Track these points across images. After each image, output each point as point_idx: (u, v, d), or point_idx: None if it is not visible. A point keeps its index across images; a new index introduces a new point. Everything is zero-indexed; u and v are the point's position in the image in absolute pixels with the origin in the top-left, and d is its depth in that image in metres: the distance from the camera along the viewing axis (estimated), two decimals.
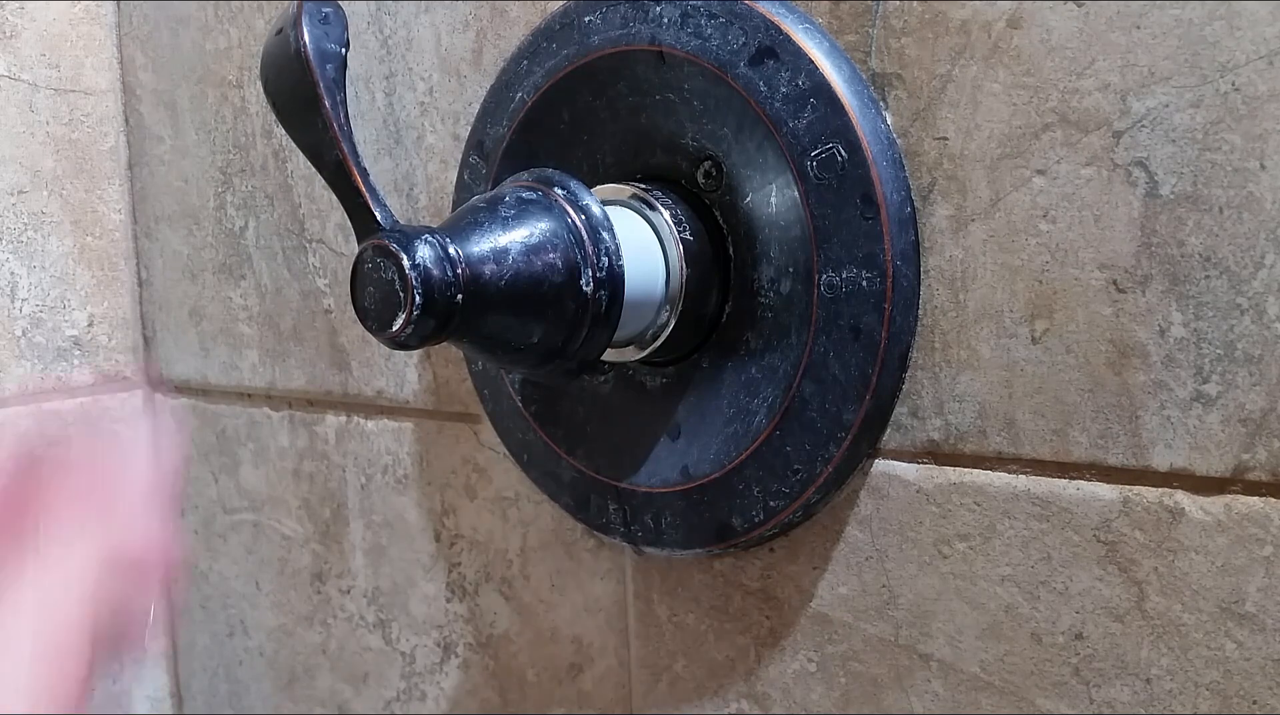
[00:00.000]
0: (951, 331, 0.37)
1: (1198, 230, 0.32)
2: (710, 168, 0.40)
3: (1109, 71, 0.33)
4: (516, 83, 0.44)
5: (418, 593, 0.54)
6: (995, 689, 0.37)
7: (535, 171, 0.38)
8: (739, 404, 0.40)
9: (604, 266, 0.36)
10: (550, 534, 0.49)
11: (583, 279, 0.36)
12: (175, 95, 0.61)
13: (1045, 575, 0.36)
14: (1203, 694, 0.33)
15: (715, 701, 0.44)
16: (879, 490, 0.39)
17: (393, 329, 0.31)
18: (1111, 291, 0.33)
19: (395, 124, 0.51)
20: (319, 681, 0.60)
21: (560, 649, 0.49)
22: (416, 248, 0.30)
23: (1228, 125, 0.31)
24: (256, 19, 0.56)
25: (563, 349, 0.37)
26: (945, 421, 0.37)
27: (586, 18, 0.42)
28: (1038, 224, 0.34)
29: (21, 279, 0.61)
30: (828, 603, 0.41)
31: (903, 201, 0.36)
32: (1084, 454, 0.34)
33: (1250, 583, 0.32)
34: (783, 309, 0.39)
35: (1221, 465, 0.32)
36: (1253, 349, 0.31)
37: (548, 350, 0.36)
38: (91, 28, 0.63)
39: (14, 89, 0.60)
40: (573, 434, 0.45)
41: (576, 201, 0.36)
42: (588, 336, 0.36)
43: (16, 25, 0.60)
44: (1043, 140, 0.34)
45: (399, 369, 0.53)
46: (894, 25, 0.36)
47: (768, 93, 0.37)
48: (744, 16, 0.38)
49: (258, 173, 0.58)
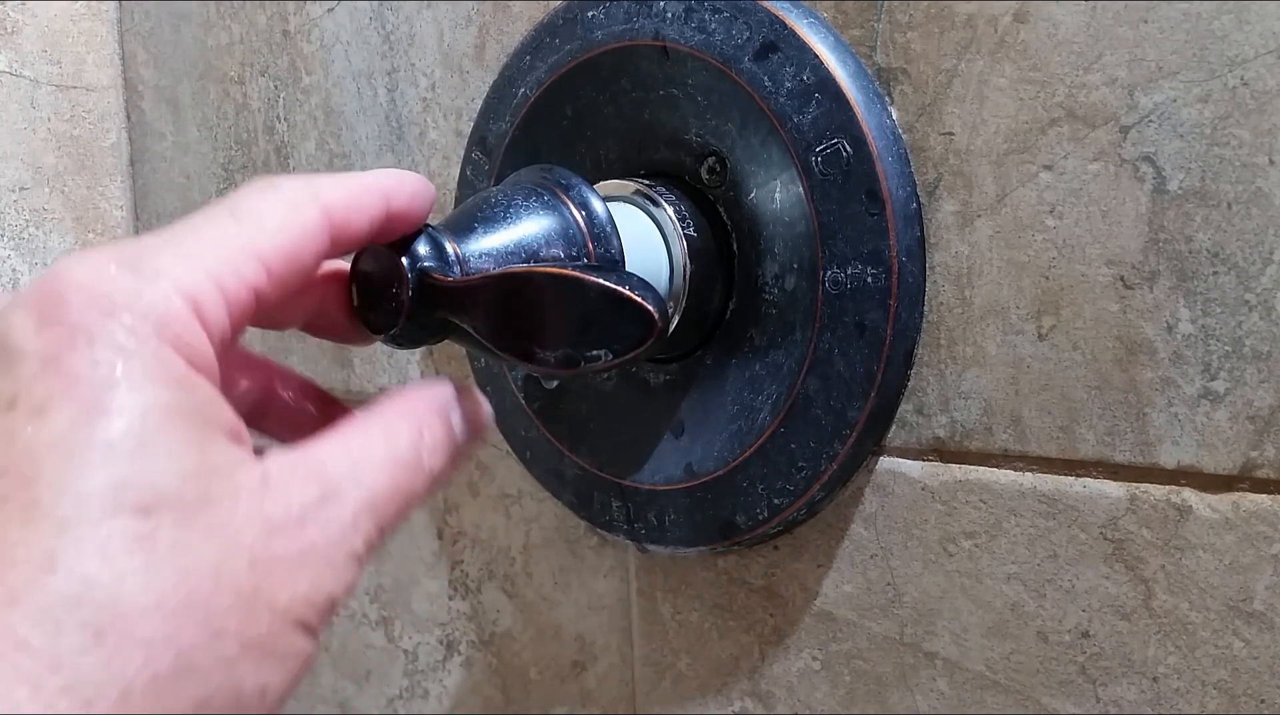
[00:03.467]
0: (957, 328, 0.36)
1: (1206, 226, 0.32)
2: (714, 163, 0.40)
3: (1116, 66, 0.32)
4: (519, 78, 0.44)
5: (420, 590, 0.54)
6: (1001, 687, 0.37)
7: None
8: (743, 401, 0.40)
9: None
10: (553, 531, 0.49)
11: None
12: (177, 91, 0.61)
13: (1051, 573, 0.36)
14: (1210, 692, 0.33)
15: (719, 700, 0.44)
16: (884, 487, 0.39)
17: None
18: (1119, 288, 0.33)
19: (397, 120, 0.51)
20: (321, 679, 0.60)
21: (563, 647, 0.49)
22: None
23: (1236, 120, 0.31)
24: (258, 15, 0.56)
25: None
26: (951, 418, 0.37)
27: (590, 13, 0.41)
28: (1044, 220, 0.34)
29: (23, 276, 0.61)
30: (832, 601, 0.40)
31: (908, 197, 0.36)
32: (1091, 451, 0.34)
33: (1258, 581, 0.32)
34: (787, 305, 0.39)
35: (1229, 462, 0.32)
36: (1261, 346, 0.31)
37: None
38: (93, 24, 0.63)
39: (15, 85, 0.60)
40: (576, 431, 0.44)
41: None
42: None
43: (18, 21, 0.60)
44: (1049, 135, 0.34)
45: (401, 366, 0.53)
46: (899, 20, 0.36)
47: (772, 88, 0.37)
48: (748, 11, 0.37)
49: (260, 169, 0.58)
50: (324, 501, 0.23)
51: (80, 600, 0.19)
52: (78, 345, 0.21)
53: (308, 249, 0.25)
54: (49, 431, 0.20)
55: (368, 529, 0.23)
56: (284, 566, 0.22)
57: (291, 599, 0.22)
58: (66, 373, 0.20)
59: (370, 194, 0.26)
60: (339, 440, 0.24)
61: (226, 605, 0.21)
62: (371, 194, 0.27)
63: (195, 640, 0.20)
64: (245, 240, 0.23)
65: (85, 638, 0.19)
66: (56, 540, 0.19)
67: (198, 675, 0.20)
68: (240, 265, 0.23)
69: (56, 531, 0.19)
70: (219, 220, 0.24)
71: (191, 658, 0.20)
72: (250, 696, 0.21)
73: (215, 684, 0.21)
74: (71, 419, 0.20)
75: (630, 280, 0.30)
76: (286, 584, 0.22)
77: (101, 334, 0.21)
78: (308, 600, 0.22)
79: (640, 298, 0.30)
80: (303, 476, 0.23)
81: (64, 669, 0.19)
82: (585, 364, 0.30)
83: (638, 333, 0.30)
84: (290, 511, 0.22)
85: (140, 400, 0.21)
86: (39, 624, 0.19)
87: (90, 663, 0.19)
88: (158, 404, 0.21)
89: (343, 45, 0.53)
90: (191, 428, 0.21)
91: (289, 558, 0.22)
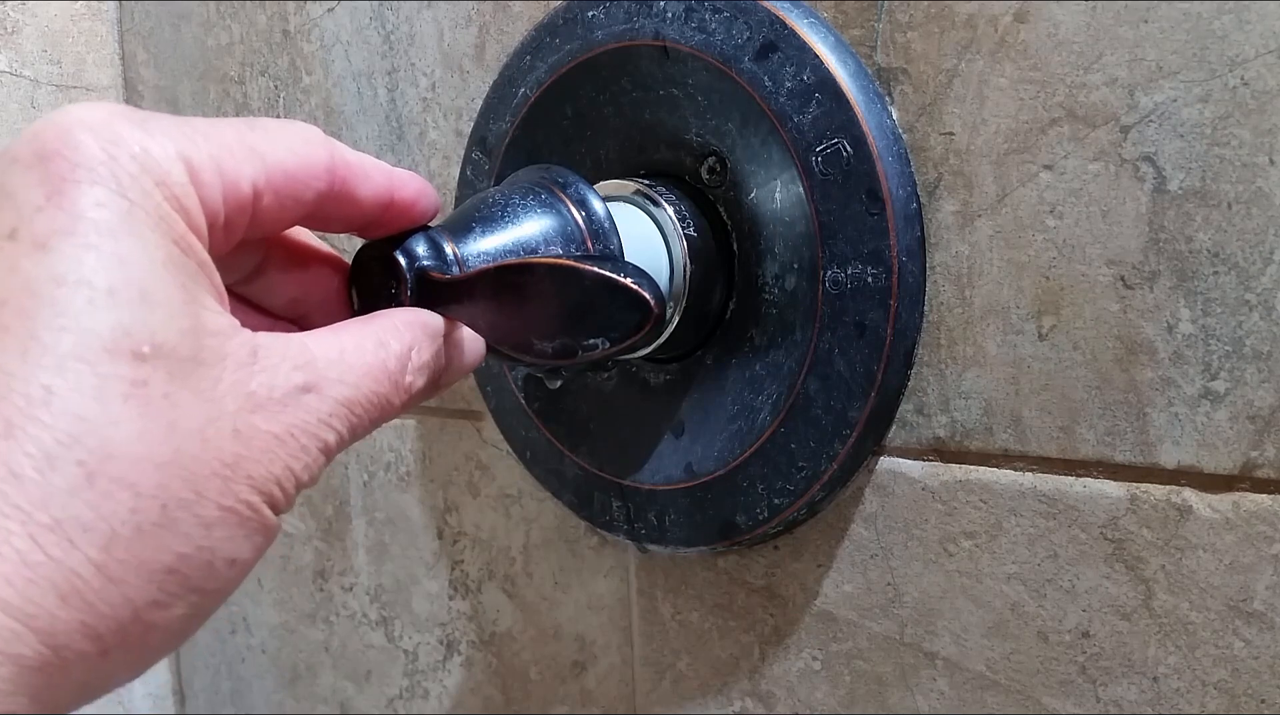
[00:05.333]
0: (957, 328, 0.36)
1: (1206, 226, 0.32)
2: (714, 163, 0.40)
3: (1116, 66, 0.32)
4: (519, 78, 0.44)
5: (420, 590, 0.54)
6: (1001, 687, 0.37)
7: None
8: (743, 401, 0.40)
9: None
10: (553, 531, 0.49)
11: None
12: (177, 91, 0.61)
13: (1052, 573, 0.35)
14: (1210, 693, 0.33)
15: (719, 700, 0.44)
16: (884, 488, 0.39)
17: None
18: (1119, 287, 0.33)
19: (398, 120, 0.51)
20: (321, 679, 0.60)
21: (563, 647, 0.49)
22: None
23: (1237, 120, 0.31)
24: (258, 15, 0.56)
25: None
26: (951, 418, 0.37)
27: (590, 13, 0.41)
28: (1045, 219, 0.34)
29: None
30: (832, 601, 0.40)
31: (908, 197, 0.36)
32: (1091, 451, 0.34)
33: (1258, 581, 0.32)
34: (787, 305, 0.39)
35: (1230, 462, 0.32)
36: (1261, 345, 0.31)
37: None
38: (93, 24, 0.63)
39: (15, 85, 0.60)
40: (576, 431, 0.44)
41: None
42: None
43: (18, 21, 0.60)
44: (1050, 135, 0.34)
45: None
46: (899, 20, 0.36)
47: (772, 88, 0.37)
48: (748, 11, 0.37)
49: None
50: (307, 389, 0.23)
51: (74, 439, 0.19)
52: (81, 183, 0.21)
53: (309, 178, 0.25)
54: (51, 267, 0.20)
55: (339, 427, 0.24)
56: (263, 442, 0.22)
57: (267, 476, 0.22)
58: (70, 210, 0.20)
59: (380, 172, 0.27)
60: (333, 335, 0.24)
61: (210, 469, 0.21)
62: (382, 173, 0.27)
63: (181, 498, 0.20)
64: (253, 141, 0.24)
65: (77, 477, 0.19)
66: (54, 377, 0.19)
67: (179, 534, 0.20)
68: (241, 159, 0.23)
69: (55, 368, 0.19)
70: (233, 121, 0.24)
71: (175, 515, 0.20)
72: (221, 565, 0.21)
73: (193, 546, 0.21)
74: (75, 257, 0.20)
75: (626, 268, 0.30)
76: (263, 460, 0.22)
77: (107, 176, 0.21)
78: (280, 481, 0.22)
79: (636, 285, 0.30)
80: (292, 361, 0.23)
81: (53, 505, 0.19)
82: (583, 353, 0.30)
83: (634, 320, 0.30)
84: (274, 391, 0.22)
85: (143, 250, 0.21)
86: (32, 457, 0.19)
87: (80, 503, 0.19)
88: (159, 257, 0.21)
89: (343, 45, 0.53)
90: (188, 288, 0.21)
91: (268, 435, 0.22)
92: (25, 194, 0.21)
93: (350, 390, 0.24)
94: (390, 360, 0.25)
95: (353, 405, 0.24)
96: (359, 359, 0.24)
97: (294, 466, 0.23)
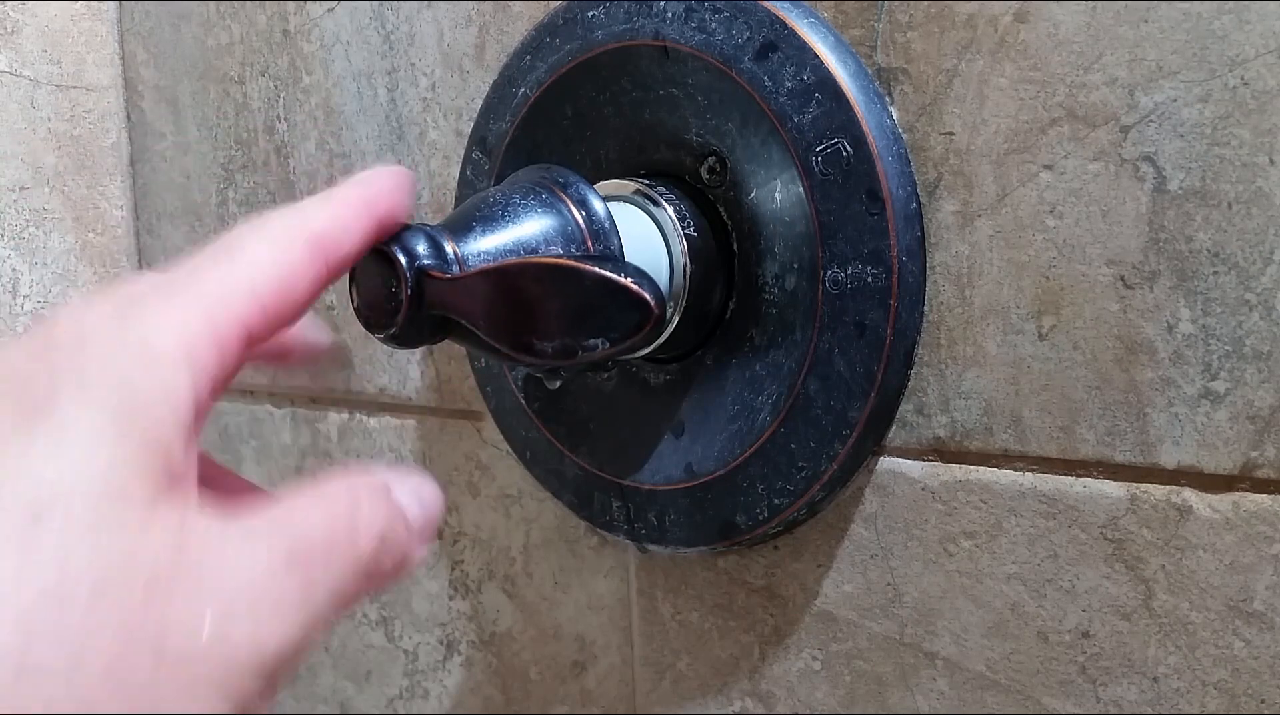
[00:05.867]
0: (957, 328, 0.36)
1: (1206, 226, 0.32)
2: (714, 163, 0.40)
3: (1116, 66, 0.32)
4: (519, 78, 0.44)
5: (420, 590, 0.54)
6: (1001, 687, 0.37)
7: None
8: (743, 401, 0.40)
9: None
10: (553, 531, 0.49)
11: None
12: (177, 91, 0.61)
13: (1052, 573, 0.35)
14: (1210, 693, 0.33)
15: (719, 700, 0.44)
16: (884, 487, 0.39)
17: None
18: (1119, 287, 0.33)
19: (398, 120, 0.51)
20: (321, 679, 0.60)
21: (563, 647, 0.49)
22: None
23: (1237, 120, 0.31)
24: (258, 15, 0.56)
25: None
26: (951, 418, 0.37)
27: (590, 13, 0.41)
28: (1045, 219, 0.34)
29: (23, 276, 0.61)
30: (832, 601, 0.40)
31: (908, 197, 0.36)
32: (1091, 451, 0.34)
33: (1259, 581, 0.32)
34: (787, 305, 0.39)
35: (1230, 462, 0.32)
36: (1261, 345, 0.31)
37: None
38: (93, 24, 0.63)
39: (15, 85, 0.60)
40: (576, 431, 0.44)
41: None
42: None
43: (18, 21, 0.60)
44: (1050, 135, 0.34)
45: (401, 366, 0.53)
46: (899, 20, 0.36)
47: (772, 88, 0.37)
48: (748, 11, 0.37)
49: (260, 169, 0.58)
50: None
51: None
52: (51, 380, 0.21)
53: (301, 282, 0.25)
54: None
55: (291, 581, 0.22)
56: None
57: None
58: (28, 399, 0.21)
59: (353, 211, 0.27)
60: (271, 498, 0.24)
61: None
62: (355, 211, 0.27)
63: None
64: (239, 279, 0.24)
65: None
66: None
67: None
68: (235, 305, 0.24)
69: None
70: (215, 260, 0.24)
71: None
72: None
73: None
74: (12, 426, 0.21)
75: (626, 269, 0.30)
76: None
77: (78, 381, 0.21)
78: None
79: (636, 286, 0.30)
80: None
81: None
82: (583, 354, 0.30)
83: (634, 321, 0.30)
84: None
85: (80, 457, 0.21)
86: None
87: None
88: (98, 468, 0.21)
89: (343, 45, 0.53)
90: (130, 494, 0.21)
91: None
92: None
93: (292, 539, 0.23)
94: (338, 510, 0.24)
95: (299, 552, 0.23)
96: (301, 510, 0.24)
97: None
